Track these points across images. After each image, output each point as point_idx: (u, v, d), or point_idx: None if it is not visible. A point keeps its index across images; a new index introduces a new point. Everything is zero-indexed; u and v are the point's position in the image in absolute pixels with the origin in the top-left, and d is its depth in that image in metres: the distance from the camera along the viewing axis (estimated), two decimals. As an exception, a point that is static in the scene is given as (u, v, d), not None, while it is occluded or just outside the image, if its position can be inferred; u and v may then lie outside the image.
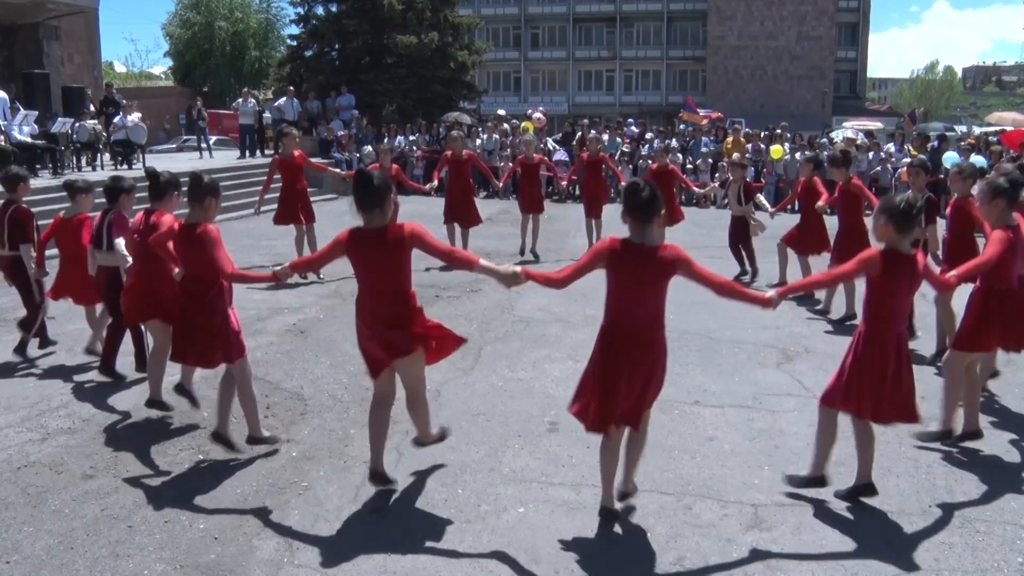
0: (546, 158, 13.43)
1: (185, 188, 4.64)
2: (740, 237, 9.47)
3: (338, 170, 10.35)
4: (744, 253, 9.51)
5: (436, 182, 10.72)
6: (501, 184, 12.76)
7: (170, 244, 4.58)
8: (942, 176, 13.62)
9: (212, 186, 4.36)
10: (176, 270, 4.58)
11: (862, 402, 3.76)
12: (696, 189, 11.80)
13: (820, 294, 8.09)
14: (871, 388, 3.73)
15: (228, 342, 4.32)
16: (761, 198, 10.12)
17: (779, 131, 18.69)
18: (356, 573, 3.42)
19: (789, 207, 10.91)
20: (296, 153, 9.55)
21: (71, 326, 7.14)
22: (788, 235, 8.74)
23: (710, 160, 18.16)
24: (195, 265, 4.31)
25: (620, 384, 3.51)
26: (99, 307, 6.17)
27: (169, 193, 5.04)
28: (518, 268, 3.70)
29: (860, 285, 3.84)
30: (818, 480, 4.02)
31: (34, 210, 13.37)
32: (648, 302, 3.55)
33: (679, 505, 3.98)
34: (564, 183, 13.50)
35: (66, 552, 3.52)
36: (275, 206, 9.96)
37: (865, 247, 7.61)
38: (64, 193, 6.37)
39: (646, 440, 3.85)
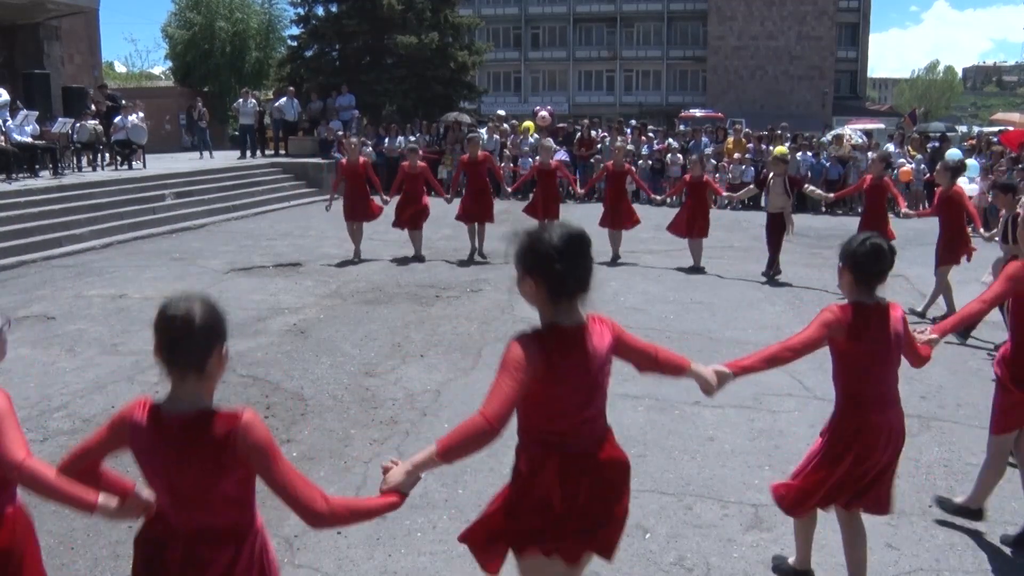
0: (563, 165, 13.26)
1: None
2: (778, 233, 9.55)
3: (385, 196, 10.80)
4: (771, 247, 9.58)
5: (449, 194, 11.10)
6: (511, 190, 12.63)
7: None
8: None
9: None
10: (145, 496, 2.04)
11: None
12: (730, 195, 11.77)
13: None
14: None
15: None
16: (815, 189, 10.13)
17: (779, 131, 18.70)
18: (356, 573, 3.42)
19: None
20: (361, 160, 10.74)
21: (71, 326, 7.15)
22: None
23: (712, 160, 18.16)
24: (211, 509, 2.02)
25: (854, 473, 2.98)
26: None
27: None
28: (721, 368, 2.79)
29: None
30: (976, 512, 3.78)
31: (33, 211, 13.39)
32: (891, 376, 2.96)
33: (679, 505, 3.98)
34: (582, 192, 13.42)
35: (66, 552, 3.52)
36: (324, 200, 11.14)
37: (967, 246, 7.64)
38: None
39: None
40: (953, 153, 15.60)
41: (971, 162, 15.08)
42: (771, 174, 9.81)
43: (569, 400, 2.27)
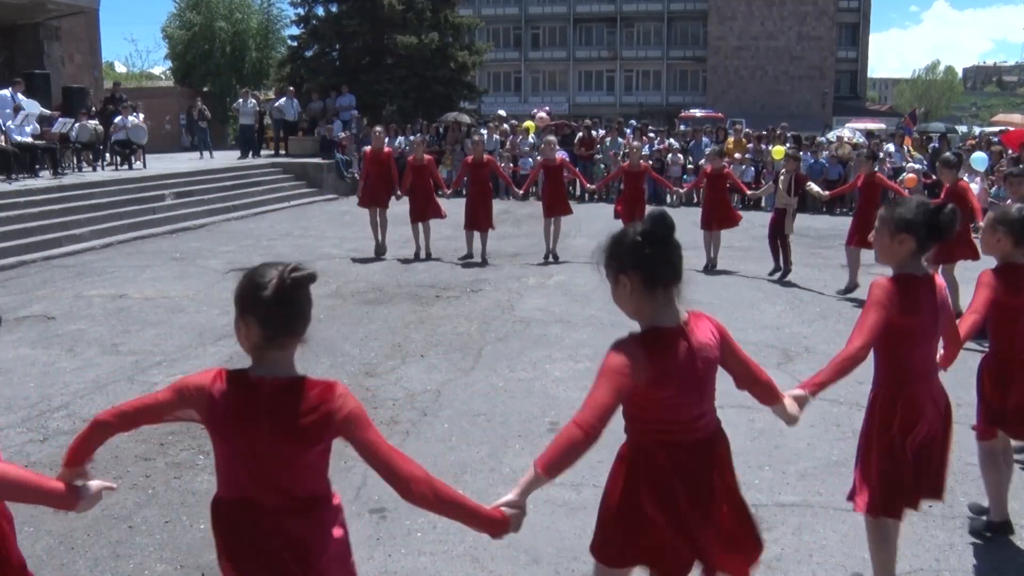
0: (568, 160, 13.22)
1: None
2: (781, 231, 9.50)
3: (398, 192, 11.01)
4: (780, 248, 9.54)
5: (450, 190, 11.43)
6: (522, 191, 12.56)
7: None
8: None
9: None
10: None
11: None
12: (748, 192, 11.71)
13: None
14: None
15: None
16: (813, 185, 10.13)
17: (779, 131, 18.70)
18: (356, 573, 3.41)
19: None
20: (385, 150, 11.15)
21: (71, 326, 7.14)
22: (851, 236, 8.60)
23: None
24: (292, 479, 1.99)
25: (911, 458, 2.88)
26: None
27: None
28: (800, 392, 2.68)
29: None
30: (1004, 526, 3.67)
31: (33, 211, 13.41)
32: (935, 346, 2.84)
33: (679, 505, 3.97)
34: (593, 188, 13.41)
35: (66, 552, 3.52)
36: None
37: (968, 248, 7.49)
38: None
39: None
40: (978, 158, 14.97)
41: (979, 155, 14.80)
42: (783, 170, 9.83)
43: (679, 401, 2.17)
